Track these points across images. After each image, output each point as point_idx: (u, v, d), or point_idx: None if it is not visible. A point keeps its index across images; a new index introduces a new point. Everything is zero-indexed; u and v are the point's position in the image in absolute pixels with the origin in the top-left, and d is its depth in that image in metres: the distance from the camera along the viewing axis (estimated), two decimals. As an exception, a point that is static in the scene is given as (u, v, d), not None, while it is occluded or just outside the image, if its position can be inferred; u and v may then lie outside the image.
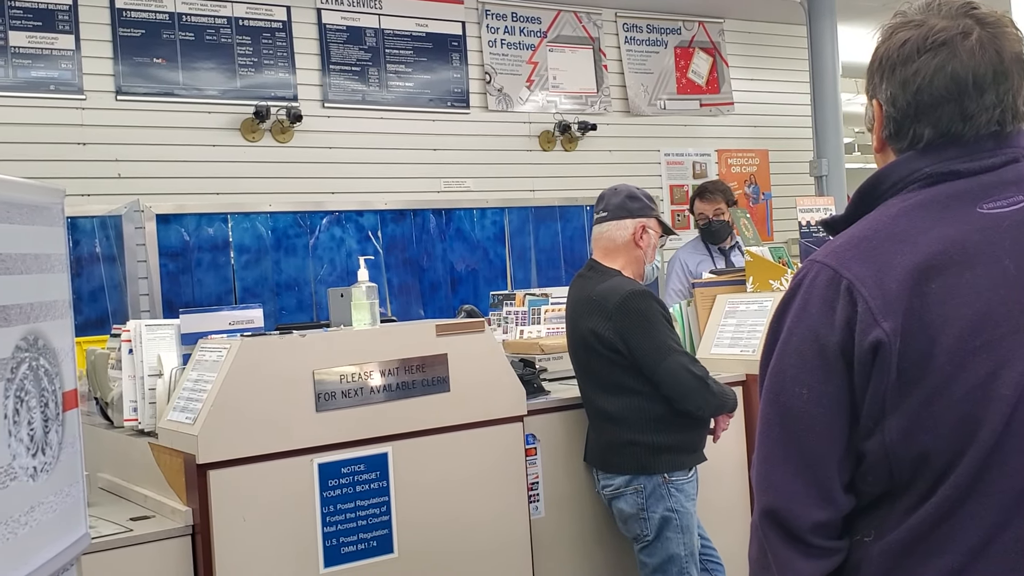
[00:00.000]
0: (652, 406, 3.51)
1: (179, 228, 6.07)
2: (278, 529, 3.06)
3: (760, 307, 4.31)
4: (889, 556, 1.48)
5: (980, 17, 1.53)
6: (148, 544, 2.92)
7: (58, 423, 2.15)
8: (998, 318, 1.42)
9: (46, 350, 2.10)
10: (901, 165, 1.57)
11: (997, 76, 1.51)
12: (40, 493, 2.05)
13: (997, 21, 1.53)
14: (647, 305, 3.51)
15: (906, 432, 1.43)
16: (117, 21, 5.98)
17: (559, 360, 4.29)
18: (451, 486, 3.38)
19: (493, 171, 7.29)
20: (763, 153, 8.64)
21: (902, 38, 1.55)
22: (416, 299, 6.87)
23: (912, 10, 1.57)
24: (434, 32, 7.09)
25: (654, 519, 3.53)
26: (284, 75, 6.51)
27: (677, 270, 5.70)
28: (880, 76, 1.58)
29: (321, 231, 6.53)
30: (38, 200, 2.14)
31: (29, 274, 2.04)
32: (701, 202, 5.68)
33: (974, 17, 1.52)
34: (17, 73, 5.68)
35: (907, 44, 1.54)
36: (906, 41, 1.54)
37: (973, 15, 1.53)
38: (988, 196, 1.50)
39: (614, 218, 3.72)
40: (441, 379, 3.36)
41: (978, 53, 1.50)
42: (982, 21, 1.52)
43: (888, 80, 1.56)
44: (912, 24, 1.55)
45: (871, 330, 1.43)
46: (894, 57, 1.55)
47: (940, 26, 1.52)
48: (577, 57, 7.74)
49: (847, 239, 1.53)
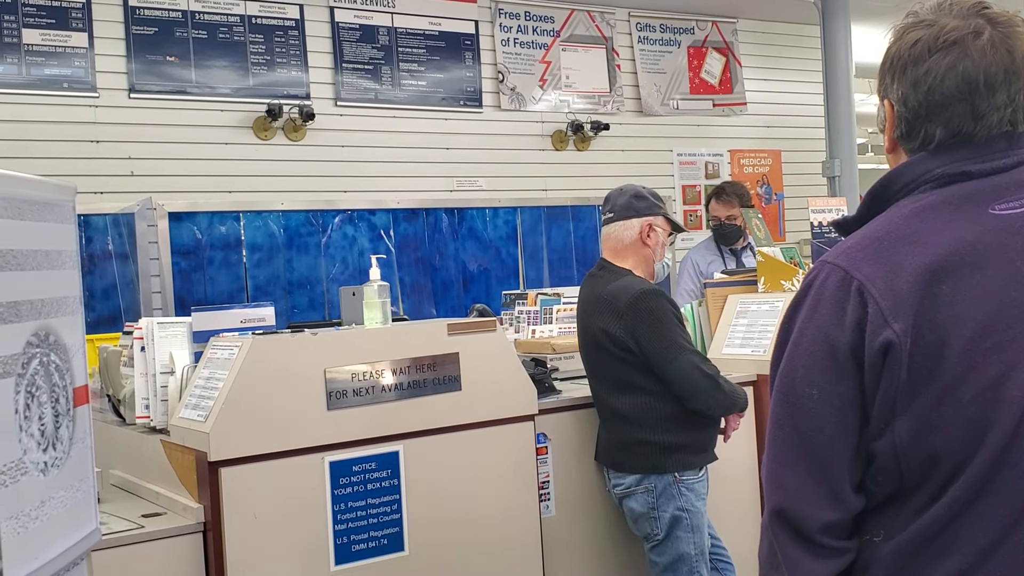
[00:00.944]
0: (663, 405, 3.51)
1: (191, 226, 6.08)
2: (289, 527, 3.07)
3: (771, 307, 4.31)
4: (898, 556, 1.48)
5: (992, 17, 1.53)
6: (160, 541, 2.93)
7: (69, 418, 2.16)
8: (1009, 319, 1.42)
9: (57, 346, 2.10)
10: (913, 166, 1.57)
11: (1009, 75, 1.50)
12: (51, 488, 2.05)
13: (1009, 20, 1.53)
14: (658, 304, 3.52)
15: (916, 433, 1.43)
16: (130, 19, 6.00)
17: (570, 359, 4.29)
18: (462, 485, 3.39)
19: (506, 170, 7.28)
20: (776, 153, 8.62)
21: (913, 38, 1.55)
22: (428, 298, 6.87)
23: (924, 10, 1.57)
24: (447, 31, 7.09)
25: (664, 518, 3.53)
26: (297, 73, 6.51)
27: (688, 270, 5.71)
28: (891, 76, 1.58)
29: (333, 230, 6.54)
30: (49, 197, 2.15)
31: (40, 270, 2.05)
32: (716, 203, 5.69)
33: (985, 17, 1.52)
34: (30, 71, 5.69)
35: (918, 44, 1.54)
36: (917, 41, 1.54)
37: (984, 15, 1.53)
38: (1000, 197, 1.49)
39: (620, 218, 3.72)
40: (452, 378, 3.37)
41: (989, 52, 1.50)
42: (994, 21, 1.52)
43: (899, 80, 1.56)
44: (924, 24, 1.55)
45: (881, 331, 1.42)
46: (905, 57, 1.55)
47: (951, 25, 1.52)
48: (590, 56, 7.73)
49: (858, 240, 1.53)
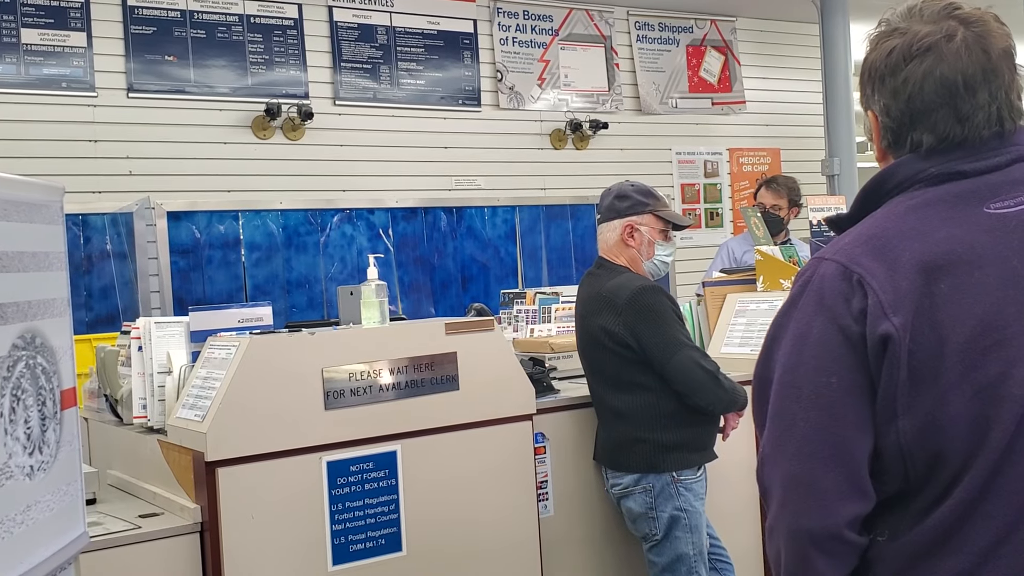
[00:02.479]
0: (662, 403, 3.51)
1: (190, 225, 6.08)
2: (286, 527, 3.06)
3: (770, 306, 4.30)
4: (903, 556, 1.47)
5: (963, 17, 1.52)
6: (157, 541, 2.92)
7: (56, 421, 2.14)
8: (1008, 318, 1.42)
9: (44, 348, 2.09)
10: (906, 164, 1.56)
11: (987, 74, 1.50)
12: (37, 492, 2.04)
13: (980, 19, 1.52)
14: (657, 300, 3.51)
15: (921, 433, 1.43)
16: (129, 18, 5.99)
17: (569, 359, 4.29)
18: (460, 484, 3.38)
19: (504, 169, 7.29)
20: (775, 152, 8.61)
21: (888, 47, 1.55)
22: (427, 297, 6.87)
23: (895, 17, 1.57)
24: (445, 30, 7.08)
25: (663, 518, 3.53)
26: (295, 73, 6.51)
27: (723, 255, 5.66)
28: (871, 87, 1.58)
29: (332, 229, 6.54)
30: (37, 198, 2.13)
31: (27, 272, 2.03)
32: (766, 190, 5.63)
33: (957, 18, 1.52)
34: (29, 70, 5.69)
35: (893, 53, 1.54)
36: (892, 50, 1.54)
37: (956, 16, 1.52)
38: (995, 196, 1.49)
39: (605, 220, 3.73)
40: (450, 377, 3.36)
41: (964, 54, 1.49)
42: (966, 21, 1.51)
43: (879, 91, 1.56)
44: (897, 32, 1.55)
45: (881, 323, 1.42)
46: (882, 67, 1.55)
47: (924, 31, 1.52)
48: (589, 55, 7.73)
49: (854, 237, 1.53)
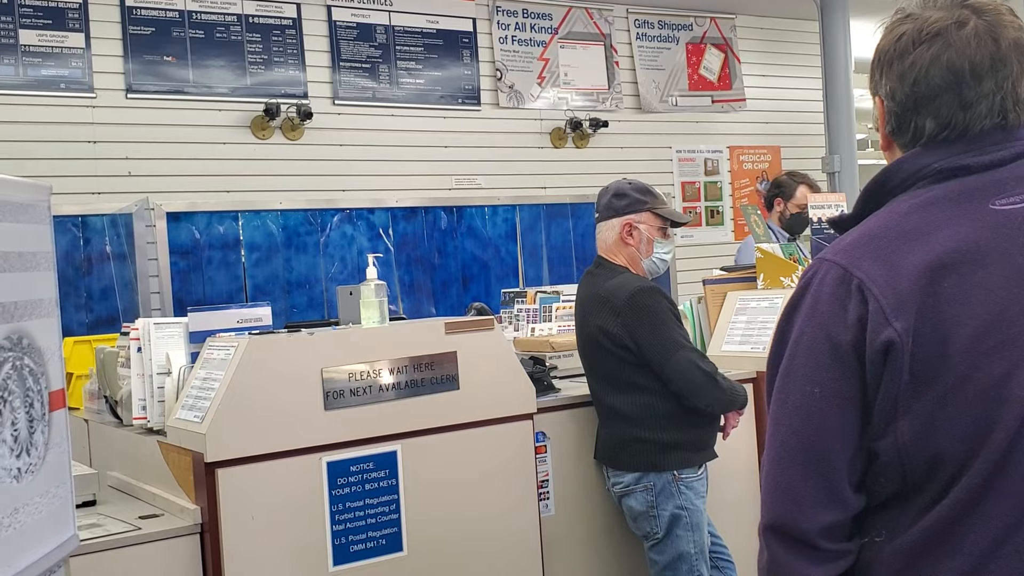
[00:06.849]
0: (661, 403, 3.50)
1: (189, 226, 6.08)
2: (286, 527, 3.06)
3: (771, 304, 4.29)
4: (900, 557, 1.47)
5: (977, 7, 1.53)
6: (157, 543, 2.91)
7: (44, 423, 2.12)
8: (1012, 317, 1.40)
9: (31, 349, 2.07)
10: (909, 161, 1.56)
11: (995, 63, 1.50)
12: (25, 495, 2.01)
13: (994, 9, 1.53)
14: (655, 301, 3.51)
15: (919, 433, 1.42)
16: (127, 19, 5.98)
17: (569, 358, 4.28)
18: (460, 484, 3.37)
19: (504, 168, 7.28)
20: (775, 150, 8.61)
21: (898, 32, 1.56)
22: (427, 297, 6.86)
23: (911, 5, 1.59)
24: (445, 29, 7.07)
25: (664, 517, 3.52)
26: (294, 72, 6.50)
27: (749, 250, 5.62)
28: (880, 72, 1.59)
29: (332, 229, 6.53)
30: (23, 198, 2.11)
31: (13, 272, 2.01)
32: (808, 188, 5.49)
33: (970, 7, 1.53)
34: (27, 72, 5.68)
35: (903, 38, 1.55)
36: (902, 35, 1.55)
37: (970, 5, 1.53)
38: (1000, 192, 1.48)
39: (603, 218, 3.73)
40: (450, 377, 3.35)
41: (973, 41, 1.50)
42: (978, 10, 1.53)
43: (887, 75, 1.58)
44: (909, 18, 1.56)
45: (883, 330, 1.41)
46: (891, 52, 1.57)
47: (935, 17, 1.53)
48: (588, 54, 7.72)
49: (857, 237, 1.52)
